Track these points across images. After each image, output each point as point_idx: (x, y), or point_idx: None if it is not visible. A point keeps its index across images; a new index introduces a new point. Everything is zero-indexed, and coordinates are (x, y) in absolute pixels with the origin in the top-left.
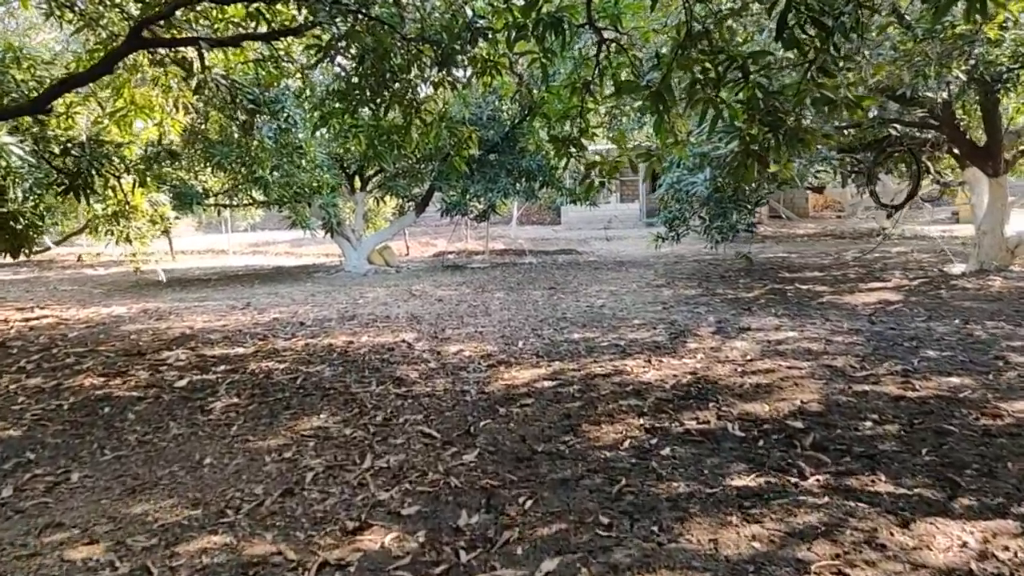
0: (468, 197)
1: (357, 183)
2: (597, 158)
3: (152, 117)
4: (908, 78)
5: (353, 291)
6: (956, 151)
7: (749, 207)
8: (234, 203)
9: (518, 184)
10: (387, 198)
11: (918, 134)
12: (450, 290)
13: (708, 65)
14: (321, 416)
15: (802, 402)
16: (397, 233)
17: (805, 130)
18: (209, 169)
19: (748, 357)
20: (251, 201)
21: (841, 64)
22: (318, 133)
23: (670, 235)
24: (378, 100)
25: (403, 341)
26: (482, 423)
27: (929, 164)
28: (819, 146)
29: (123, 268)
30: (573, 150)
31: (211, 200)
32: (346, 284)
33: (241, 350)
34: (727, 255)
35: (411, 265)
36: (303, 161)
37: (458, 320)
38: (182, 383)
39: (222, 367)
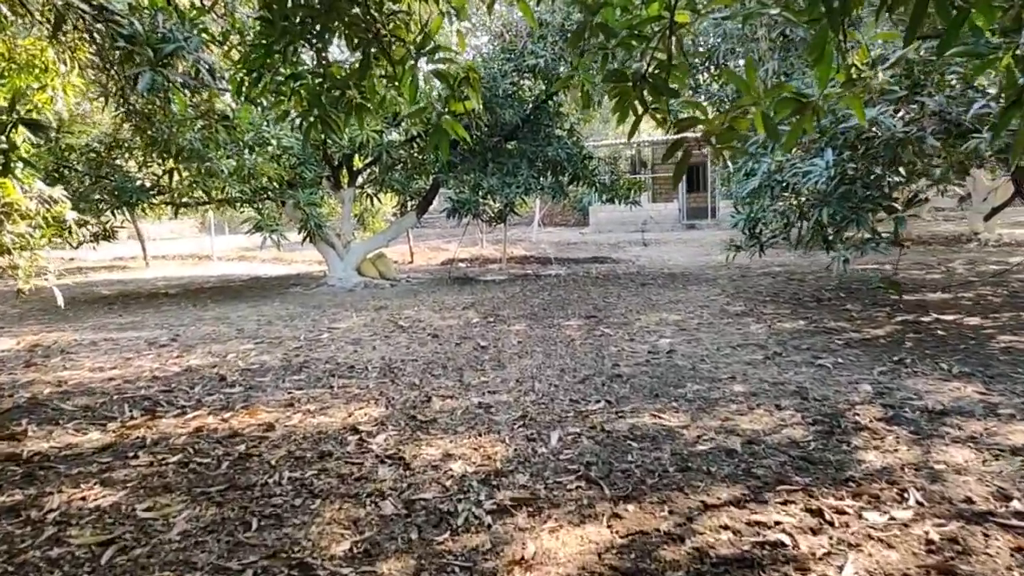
0: (480, 194)
1: (344, 176)
2: (696, 113)
3: (41, 79)
4: None
5: (324, 317)
6: None
7: (899, 207)
8: (184, 201)
9: (542, 178)
10: (383, 195)
11: None
12: (452, 317)
13: None
14: None
15: None
16: (395, 238)
17: None
18: (158, 158)
19: (1016, 504)
20: (206, 199)
21: None
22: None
23: (751, 245)
24: (325, 34)
25: (355, 427)
26: None
27: None
28: None
29: (78, 279)
30: (648, 98)
31: (165, 196)
32: (321, 305)
33: (92, 439)
34: (804, 265)
35: (413, 276)
36: (231, 138)
37: (454, 377)
38: None
39: None
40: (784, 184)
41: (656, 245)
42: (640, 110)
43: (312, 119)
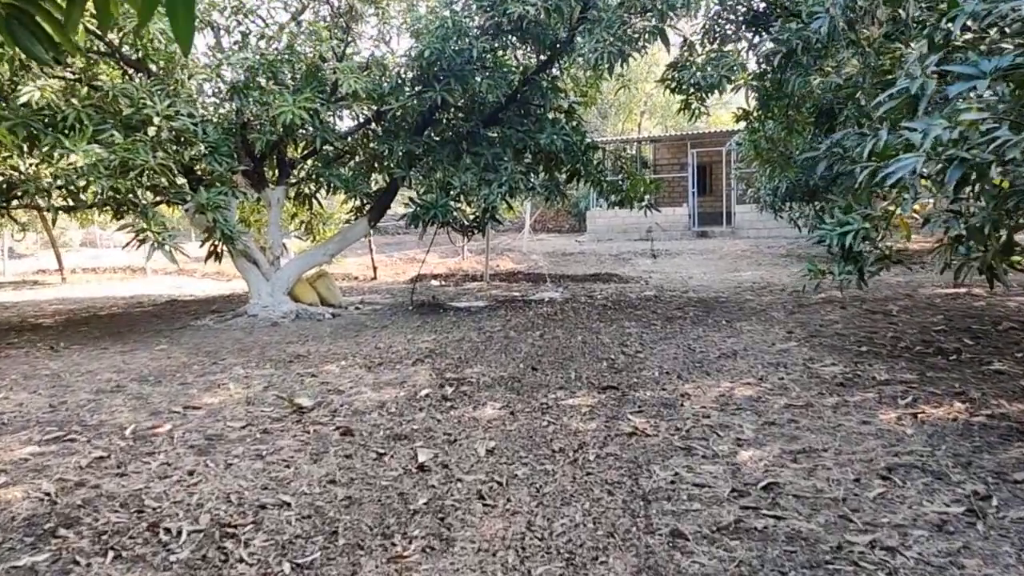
0: (452, 195)
1: (272, 171)
2: None
3: None
4: None
5: (201, 379)
6: None
7: None
8: (39, 204)
9: (533, 175)
10: (327, 196)
11: None
12: (391, 384)
13: None
14: None
15: None
16: (339, 252)
17: None
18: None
19: None
20: (70, 203)
21: None
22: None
23: (845, 271)
24: None
25: None
26: None
27: None
28: None
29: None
30: None
31: (27, 199)
32: (218, 351)
33: None
34: (874, 285)
35: (367, 300)
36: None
37: None
38: None
39: None
40: (974, 164)
41: (667, 257)
42: None
43: None
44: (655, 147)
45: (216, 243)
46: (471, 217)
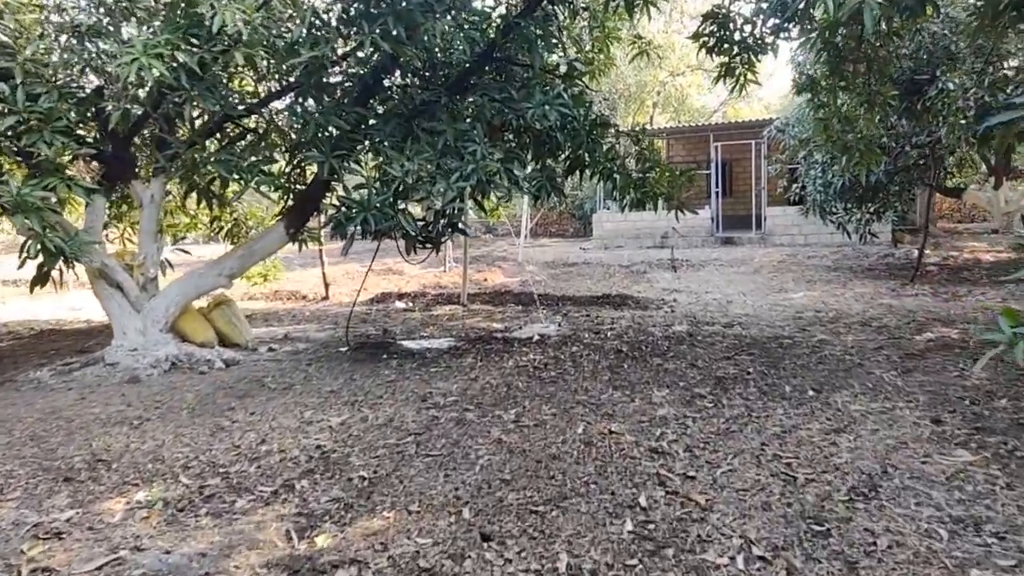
0: (395, 190)
1: (146, 159)
2: None
3: None
4: None
5: None
6: None
7: None
8: None
9: (518, 164)
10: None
11: None
12: None
13: None
14: None
15: None
16: (242, 271)
17: None
18: None
19: None
20: None
21: None
22: None
23: None
24: None
25: None
26: None
27: None
28: None
29: None
30: None
31: None
32: None
33: None
34: (942, 308)
35: (295, 333)
36: None
37: None
38: None
39: None
40: None
41: (690, 269)
42: None
43: None
44: (667, 143)
45: (45, 263)
46: (420, 223)
